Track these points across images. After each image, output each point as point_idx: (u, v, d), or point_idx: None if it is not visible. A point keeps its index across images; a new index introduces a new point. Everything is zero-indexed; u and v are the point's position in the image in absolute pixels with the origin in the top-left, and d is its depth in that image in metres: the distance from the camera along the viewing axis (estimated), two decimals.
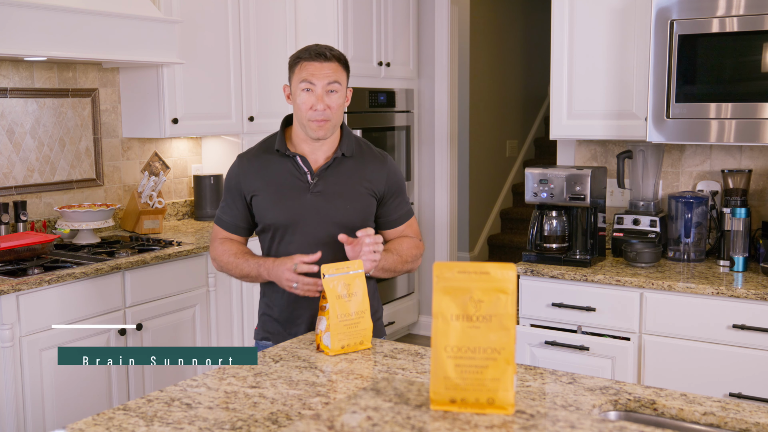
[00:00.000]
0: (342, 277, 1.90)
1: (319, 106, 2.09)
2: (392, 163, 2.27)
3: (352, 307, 1.91)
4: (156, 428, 1.45)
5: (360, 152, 2.23)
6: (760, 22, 2.75)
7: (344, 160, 2.20)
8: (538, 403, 1.59)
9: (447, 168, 5.03)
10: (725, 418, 1.51)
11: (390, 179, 2.24)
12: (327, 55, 2.11)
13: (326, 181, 2.17)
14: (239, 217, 2.24)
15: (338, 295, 1.90)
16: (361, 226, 2.16)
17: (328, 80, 2.10)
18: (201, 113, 3.88)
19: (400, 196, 2.28)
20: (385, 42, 4.58)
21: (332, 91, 2.11)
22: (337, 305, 1.90)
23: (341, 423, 1.19)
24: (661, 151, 3.25)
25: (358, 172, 2.19)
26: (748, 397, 2.66)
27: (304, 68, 2.11)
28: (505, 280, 1.26)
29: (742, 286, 2.73)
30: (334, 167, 2.18)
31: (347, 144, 2.20)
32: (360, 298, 1.92)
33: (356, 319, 1.92)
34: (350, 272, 1.92)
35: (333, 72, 2.11)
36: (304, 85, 2.10)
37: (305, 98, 2.11)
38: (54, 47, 3.07)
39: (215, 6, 3.91)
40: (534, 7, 6.88)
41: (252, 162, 2.21)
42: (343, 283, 1.91)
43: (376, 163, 2.23)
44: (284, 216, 2.16)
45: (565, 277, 2.98)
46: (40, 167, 3.55)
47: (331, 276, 1.89)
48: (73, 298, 2.96)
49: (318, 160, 2.19)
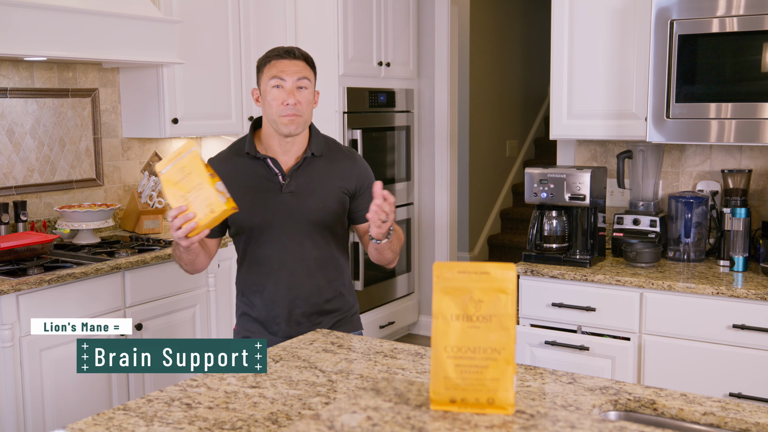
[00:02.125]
0: (175, 166, 1.92)
1: (290, 100, 2.12)
2: (361, 160, 2.31)
3: (189, 186, 1.90)
4: (156, 428, 1.45)
5: (329, 151, 2.25)
6: (760, 22, 2.75)
7: (314, 159, 2.22)
8: (538, 403, 1.59)
9: (447, 168, 5.03)
10: (725, 418, 1.51)
11: (360, 175, 2.26)
12: (295, 54, 2.16)
13: (298, 181, 2.19)
14: None
15: (175, 182, 1.91)
16: (335, 223, 2.21)
17: (297, 76, 2.14)
18: (201, 113, 3.88)
19: (370, 190, 2.25)
20: (385, 42, 4.58)
21: (302, 88, 2.15)
22: (174, 195, 1.90)
23: (341, 423, 1.19)
24: (661, 151, 3.25)
25: (328, 171, 2.22)
26: (748, 397, 2.66)
27: (273, 66, 2.15)
28: (505, 280, 1.26)
29: (742, 286, 2.73)
30: (305, 167, 2.20)
31: (316, 143, 2.23)
32: (195, 174, 1.90)
33: (195, 200, 1.89)
34: (181, 157, 1.93)
35: (302, 69, 2.15)
36: (274, 81, 2.13)
37: (276, 94, 2.13)
38: (54, 47, 3.07)
39: (215, 6, 3.91)
40: (534, 7, 6.88)
41: (222, 166, 2.18)
42: (177, 168, 1.91)
43: (345, 160, 2.26)
44: (258, 218, 2.17)
45: (565, 277, 2.98)
46: (40, 167, 3.55)
47: (164, 171, 1.92)
48: (73, 298, 2.96)
49: (288, 161, 2.21)
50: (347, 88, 4.27)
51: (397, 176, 4.79)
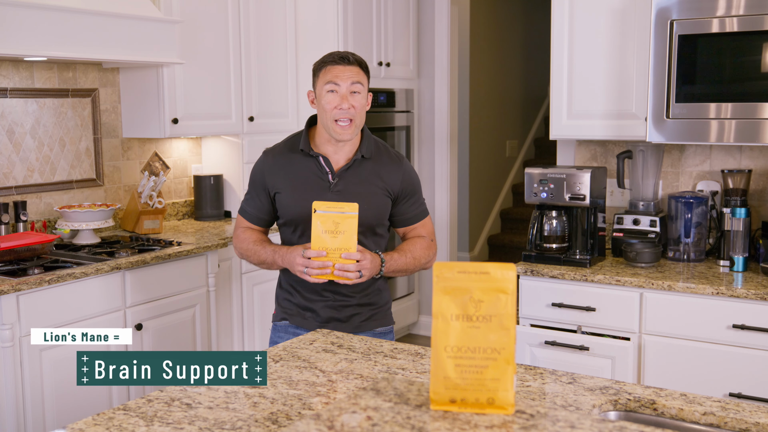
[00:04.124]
0: (332, 215, 2.04)
1: (344, 105, 2.21)
2: (407, 165, 2.39)
3: (335, 243, 2.06)
4: (156, 428, 1.45)
5: (378, 154, 2.34)
6: (760, 22, 2.75)
7: (363, 161, 2.31)
8: (538, 403, 1.59)
9: (447, 168, 5.03)
10: (725, 418, 1.51)
11: (405, 180, 2.35)
12: (350, 59, 2.25)
13: (346, 181, 2.29)
14: (262, 209, 2.37)
15: (324, 230, 2.04)
16: (377, 224, 2.32)
17: (351, 81, 2.23)
18: (201, 113, 3.88)
19: (414, 196, 2.39)
20: (385, 42, 4.58)
21: (355, 92, 2.24)
22: (321, 239, 2.05)
23: (341, 423, 1.19)
24: (661, 151, 3.25)
25: (375, 173, 2.31)
26: (748, 397, 2.66)
27: (329, 71, 2.24)
28: (505, 280, 1.26)
29: (742, 286, 2.73)
30: (354, 168, 2.30)
31: (367, 146, 2.32)
32: (347, 236, 2.06)
33: (336, 253, 2.08)
34: (341, 212, 2.06)
35: (356, 74, 2.24)
36: (329, 86, 2.23)
37: (330, 99, 2.22)
38: (54, 47, 3.07)
39: (215, 6, 3.91)
40: (534, 7, 6.88)
41: (278, 159, 2.33)
42: (332, 221, 2.04)
43: (392, 164, 2.34)
44: (305, 212, 2.25)
45: (565, 277, 2.98)
46: (40, 167, 3.55)
47: (321, 212, 2.04)
48: (73, 299, 2.96)
49: (339, 161, 2.31)
50: None
51: None
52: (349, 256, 2.10)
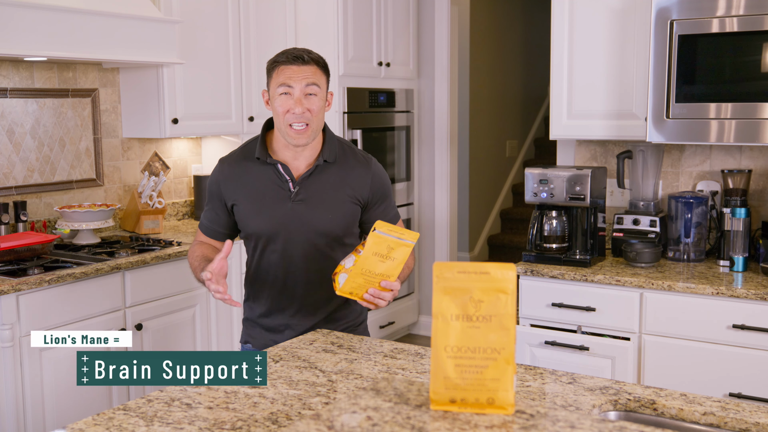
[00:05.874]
0: (388, 239, 1.88)
1: (297, 109, 2.04)
2: (377, 167, 2.21)
3: (381, 268, 1.90)
4: (156, 428, 1.45)
5: (343, 157, 2.17)
6: (760, 22, 2.75)
7: (327, 166, 2.14)
8: (538, 403, 1.59)
9: (447, 168, 5.03)
10: (725, 418, 1.51)
11: (374, 185, 2.18)
12: (305, 58, 2.06)
13: (308, 189, 2.12)
14: (219, 222, 2.21)
15: (375, 252, 1.88)
16: (345, 234, 2.15)
17: (306, 83, 2.05)
18: (201, 113, 3.88)
19: (386, 201, 2.22)
20: (385, 42, 4.58)
21: (311, 95, 2.06)
22: (369, 260, 1.88)
23: (341, 423, 1.19)
24: (661, 151, 3.25)
25: (341, 179, 2.14)
26: (748, 397, 2.66)
27: (281, 72, 2.06)
28: (505, 280, 1.26)
29: (741, 286, 2.73)
30: (317, 174, 2.13)
31: (329, 149, 2.15)
32: (394, 264, 1.90)
33: (377, 279, 1.91)
34: (400, 238, 1.89)
35: (311, 75, 2.06)
36: (281, 89, 2.06)
37: (283, 102, 2.05)
38: (54, 47, 3.07)
39: (215, 6, 3.91)
40: (534, 7, 6.88)
41: (233, 168, 2.16)
42: (387, 245, 1.88)
43: (359, 168, 2.17)
44: (266, 226, 2.13)
45: (565, 277, 2.98)
46: (40, 167, 3.55)
47: (380, 233, 1.87)
48: (73, 299, 2.96)
49: (299, 168, 2.14)
50: (347, 88, 4.27)
51: (397, 176, 4.79)
52: (389, 286, 1.92)
